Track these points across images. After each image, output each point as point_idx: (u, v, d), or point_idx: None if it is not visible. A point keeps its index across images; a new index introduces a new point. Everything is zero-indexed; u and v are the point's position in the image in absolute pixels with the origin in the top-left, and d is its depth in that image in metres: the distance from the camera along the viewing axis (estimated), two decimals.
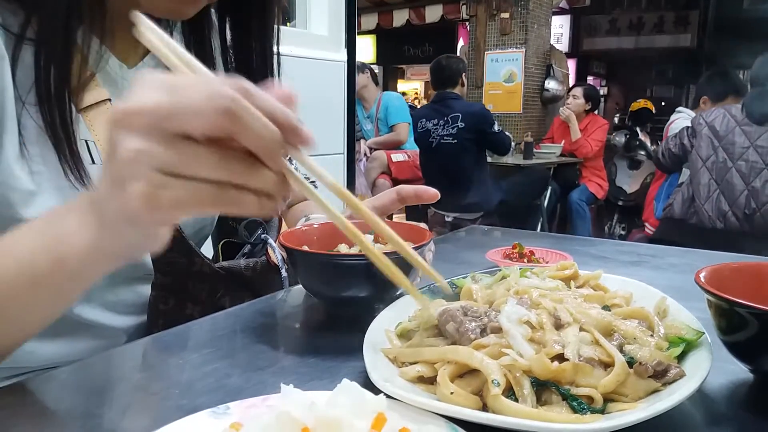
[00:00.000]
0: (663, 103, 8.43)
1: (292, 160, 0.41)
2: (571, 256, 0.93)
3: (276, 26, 0.78)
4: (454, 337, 0.48)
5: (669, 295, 0.57)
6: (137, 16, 0.39)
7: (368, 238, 0.68)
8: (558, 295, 0.54)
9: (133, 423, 0.47)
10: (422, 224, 0.71)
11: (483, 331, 0.48)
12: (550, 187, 4.61)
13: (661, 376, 0.44)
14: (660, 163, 3.10)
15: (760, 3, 8.21)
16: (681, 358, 0.48)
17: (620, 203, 4.99)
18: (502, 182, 4.06)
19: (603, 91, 8.80)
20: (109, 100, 0.67)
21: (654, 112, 5.54)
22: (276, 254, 0.80)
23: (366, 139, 4.69)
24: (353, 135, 2.27)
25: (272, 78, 0.80)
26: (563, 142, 5.01)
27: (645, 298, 0.58)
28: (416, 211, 3.87)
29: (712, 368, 0.45)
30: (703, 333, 0.49)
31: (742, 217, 2.49)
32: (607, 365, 0.44)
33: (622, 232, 4.93)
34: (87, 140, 0.66)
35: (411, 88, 12.71)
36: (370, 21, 9.75)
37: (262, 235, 0.85)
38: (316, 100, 2.03)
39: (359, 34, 2.81)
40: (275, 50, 0.79)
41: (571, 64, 8.57)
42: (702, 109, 3.07)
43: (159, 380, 0.54)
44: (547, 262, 0.94)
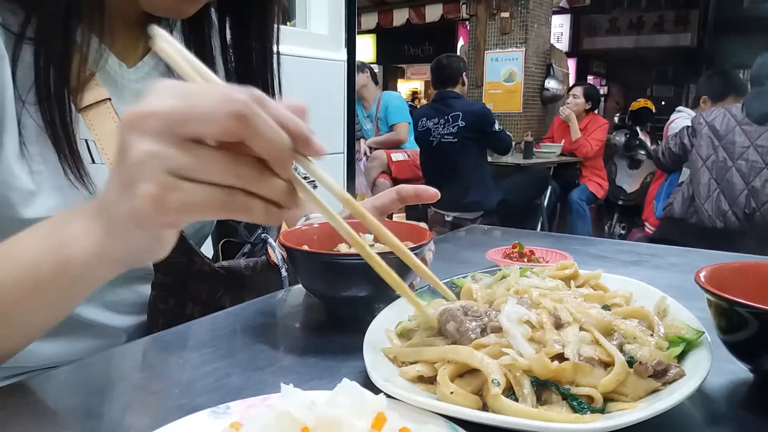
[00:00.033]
0: (663, 103, 8.44)
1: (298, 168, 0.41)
2: (571, 256, 0.93)
3: (276, 25, 0.78)
4: (455, 336, 0.48)
5: (669, 295, 0.57)
6: (153, 28, 0.39)
7: (368, 238, 0.69)
8: (558, 294, 0.54)
9: (133, 423, 0.47)
10: (422, 224, 0.71)
11: (483, 331, 0.48)
12: (550, 187, 4.61)
13: (661, 375, 0.44)
14: (660, 163, 3.10)
15: (760, 2, 8.21)
16: (681, 357, 0.48)
17: (620, 203, 4.98)
18: (502, 182, 4.06)
19: (603, 91, 8.78)
20: (109, 99, 0.67)
21: (654, 111, 5.53)
22: (276, 254, 0.80)
23: (366, 139, 4.69)
24: (353, 134, 2.27)
25: (272, 77, 0.80)
26: (563, 141, 5.01)
27: (645, 297, 0.58)
28: (416, 210, 3.87)
29: (712, 368, 0.45)
30: (703, 332, 0.49)
31: (742, 216, 2.49)
32: (607, 365, 0.44)
33: (622, 232, 4.93)
34: (87, 140, 0.65)
35: (411, 87, 12.70)
36: (370, 20, 9.75)
37: (262, 235, 0.85)
38: (316, 100, 2.02)
39: (359, 33, 2.81)
40: (275, 49, 0.79)
41: (571, 63, 8.58)
42: (702, 109, 3.07)
43: (159, 380, 0.54)
44: (547, 262, 0.94)
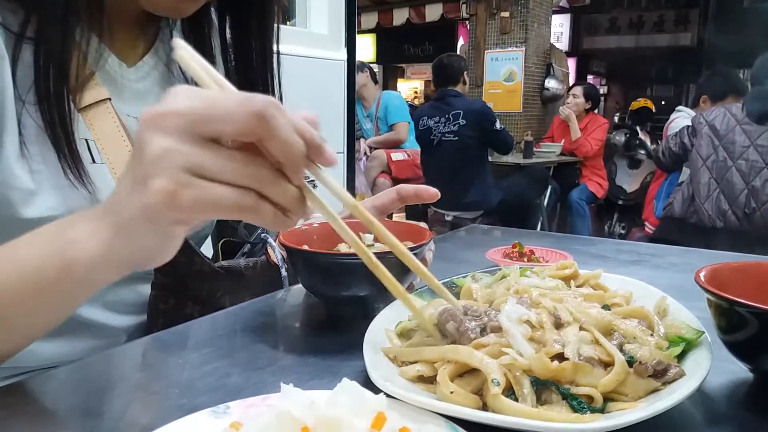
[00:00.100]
0: (663, 102, 8.44)
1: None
2: (570, 256, 0.93)
3: (276, 25, 0.78)
4: (454, 336, 0.48)
5: (669, 295, 0.57)
6: (176, 41, 0.41)
7: (368, 238, 0.69)
8: (558, 294, 0.53)
9: (133, 422, 0.47)
10: (422, 223, 0.71)
11: (483, 331, 0.48)
12: (550, 186, 4.61)
13: (661, 375, 0.44)
14: (660, 162, 3.10)
15: (760, 2, 8.20)
16: (681, 357, 0.48)
17: (620, 202, 4.98)
18: (502, 181, 4.06)
19: (603, 90, 8.80)
20: (109, 99, 0.67)
21: (654, 111, 5.53)
22: (276, 253, 0.80)
23: (366, 138, 4.69)
24: (353, 134, 2.26)
25: (272, 77, 0.80)
26: (563, 141, 5.01)
27: (645, 297, 0.58)
28: (416, 210, 3.87)
29: (712, 368, 0.45)
30: (703, 332, 0.49)
31: (742, 216, 2.49)
32: (607, 364, 0.44)
33: (622, 232, 4.93)
34: (86, 139, 0.65)
35: (411, 87, 12.69)
36: (370, 20, 9.75)
37: (262, 235, 0.85)
38: (316, 100, 2.02)
39: (359, 32, 2.81)
40: (275, 49, 0.79)
41: (571, 63, 8.57)
42: (702, 108, 3.07)
43: (159, 380, 0.54)
44: (546, 262, 0.94)
